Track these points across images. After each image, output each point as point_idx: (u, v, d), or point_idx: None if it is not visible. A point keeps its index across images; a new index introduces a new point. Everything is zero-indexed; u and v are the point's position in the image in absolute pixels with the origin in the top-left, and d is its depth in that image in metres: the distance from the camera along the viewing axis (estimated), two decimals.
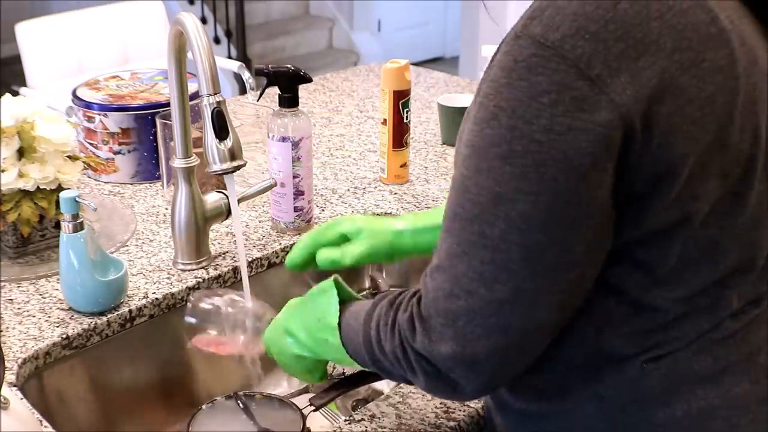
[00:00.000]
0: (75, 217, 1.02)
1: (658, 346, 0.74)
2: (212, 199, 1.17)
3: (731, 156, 0.70)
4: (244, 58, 4.38)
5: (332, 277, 0.88)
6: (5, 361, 0.97)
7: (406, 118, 1.42)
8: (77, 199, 1.02)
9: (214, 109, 0.98)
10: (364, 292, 1.38)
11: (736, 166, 0.70)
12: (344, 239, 1.02)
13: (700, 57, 0.66)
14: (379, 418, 0.93)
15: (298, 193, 1.26)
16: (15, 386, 0.95)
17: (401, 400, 0.95)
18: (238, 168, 1.01)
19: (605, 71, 0.63)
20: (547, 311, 0.70)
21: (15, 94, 1.38)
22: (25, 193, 1.15)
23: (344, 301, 0.86)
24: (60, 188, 1.16)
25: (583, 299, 0.72)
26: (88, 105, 1.44)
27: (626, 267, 0.72)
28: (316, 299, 0.89)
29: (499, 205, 0.66)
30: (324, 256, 1.01)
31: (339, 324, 0.84)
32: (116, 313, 1.08)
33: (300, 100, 1.23)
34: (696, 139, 0.67)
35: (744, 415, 0.75)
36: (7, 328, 1.04)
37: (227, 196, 1.17)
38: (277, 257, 1.25)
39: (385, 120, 1.42)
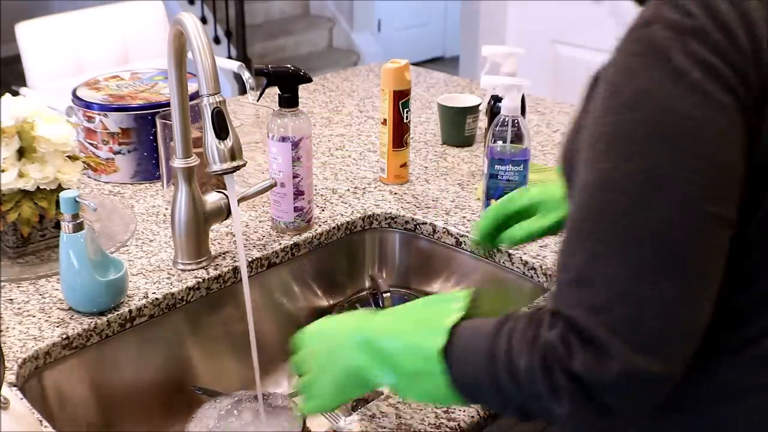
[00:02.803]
0: (75, 217, 1.02)
1: None
2: (212, 199, 1.17)
3: None
4: (244, 58, 4.38)
5: (472, 289, 0.78)
6: (5, 361, 0.97)
7: (406, 118, 1.42)
8: (77, 199, 1.02)
9: (214, 109, 0.98)
10: (364, 292, 1.38)
11: None
12: (530, 210, 1.06)
13: None
14: (379, 418, 0.93)
15: (298, 193, 1.26)
16: (15, 386, 0.95)
17: (401, 400, 0.95)
18: (238, 168, 1.01)
19: (738, 57, 0.64)
20: (708, 302, 0.64)
21: (15, 94, 1.38)
22: (25, 193, 1.15)
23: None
24: (60, 188, 1.16)
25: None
26: (88, 105, 1.44)
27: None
28: (429, 303, 0.79)
29: (657, 189, 0.63)
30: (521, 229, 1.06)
31: (452, 329, 0.72)
32: (116, 313, 1.08)
33: (300, 100, 1.23)
34: None
35: None
36: (7, 328, 1.04)
37: (227, 196, 1.17)
38: (277, 257, 1.25)
39: (385, 120, 1.42)
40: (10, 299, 1.10)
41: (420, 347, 0.73)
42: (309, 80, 1.22)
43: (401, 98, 1.40)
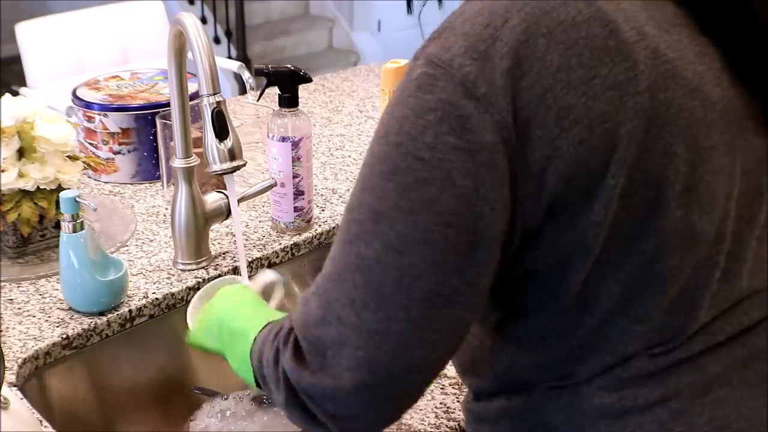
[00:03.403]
0: (75, 217, 1.02)
1: (562, 378, 0.71)
2: (212, 199, 1.17)
3: (635, 177, 0.64)
4: (244, 58, 4.38)
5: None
6: (5, 361, 0.97)
7: None
8: (77, 199, 1.02)
9: (214, 109, 0.98)
10: None
11: (644, 188, 0.65)
12: None
13: (591, 73, 0.63)
14: None
15: (298, 193, 1.26)
16: (15, 386, 0.95)
17: None
18: (238, 168, 1.01)
19: (490, 90, 0.61)
20: (419, 350, 0.64)
21: (15, 94, 1.38)
22: (25, 193, 1.15)
23: None
24: (60, 188, 1.16)
25: (461, 340, 0.68)
26: (88, 105, 1.44)
27: (531, 292, 0.69)
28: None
29: (377, 224, 0.63)
30: None
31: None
32: (116, 313, 1.08)
33: (300, 100, 1.23)
34: (585, 162, 0.63)
35: None
36: (7, 328, 1.04)
37: (227, 196, 1.17)
38: (277, 257, 1.25)
39: None
40: (10, 299, 1.10)
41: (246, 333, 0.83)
42: (309, 80, 1.22)
43: None
